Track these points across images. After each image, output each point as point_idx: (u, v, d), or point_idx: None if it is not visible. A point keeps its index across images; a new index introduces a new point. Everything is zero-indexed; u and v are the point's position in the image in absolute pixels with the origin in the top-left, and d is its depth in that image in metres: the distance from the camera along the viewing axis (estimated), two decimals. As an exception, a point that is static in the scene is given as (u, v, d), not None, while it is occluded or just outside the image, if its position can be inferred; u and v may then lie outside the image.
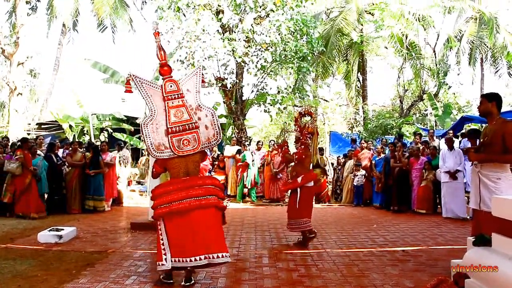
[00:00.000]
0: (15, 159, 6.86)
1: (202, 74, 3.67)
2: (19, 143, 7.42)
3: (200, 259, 3.14)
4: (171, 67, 3.60)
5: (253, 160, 9.43)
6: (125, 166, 9.42)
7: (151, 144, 3.28)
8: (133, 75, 3.43)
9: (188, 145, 3.32)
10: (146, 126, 3.31)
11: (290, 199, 4.99)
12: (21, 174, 6.77)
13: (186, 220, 3.18)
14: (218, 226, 3.31)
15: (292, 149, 5.66)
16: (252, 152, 9.59)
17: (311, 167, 5.05)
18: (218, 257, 3.17)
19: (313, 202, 5.22)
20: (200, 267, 3.28)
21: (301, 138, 4.88)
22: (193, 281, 3.32)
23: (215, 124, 3.46)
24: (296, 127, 5.03)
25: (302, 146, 4.86)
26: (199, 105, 3.49)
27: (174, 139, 3.31)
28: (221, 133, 3.52)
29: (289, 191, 5.24)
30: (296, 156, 4.85)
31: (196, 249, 3.15)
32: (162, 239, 3.21)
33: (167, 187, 3.31)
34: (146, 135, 3.30)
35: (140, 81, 3.42)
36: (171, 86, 3.44)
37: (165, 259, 3.16)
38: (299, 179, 4.78)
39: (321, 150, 9.60)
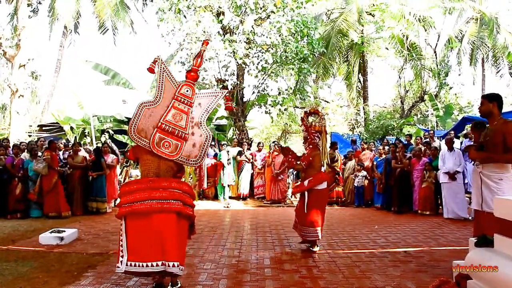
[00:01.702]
0: (42, 159, 7.19)
1: (227, 97, 3.57)
2: (46, 145, 7.78)
3: (157, 265, 2.95)
4: (198, 75, 3.55)
5: (228, 159, 9.46)
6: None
7: (135, 125, 3.18)
8: (161, 60, 3.40)
9: (167, 148, 3.19)
10: (142, 108, 3.22)
11: (299, 203, 4.80)
12: (47, 174, 7.13)
13: (146, 222, 3.01)
14: (179, 233, 3.09)
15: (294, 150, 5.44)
16: (228, 151, 9.57)
17: (324, 167, 4.78)
18: (173, 266, 2.96)
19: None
20: (155, 273, 3.10)
21: (308, 137, 4.73)
22: (179, 285, 3.25)
23: (203, 148, 3.33)
24: (303, 126, 4.87)
25: (310, 146, 4.70)
26: (201, 123, 3.38)
27: (158, 135, 3.19)
28: (202, 160, 3.39)
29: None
30: (304, 162, 4.64)
31: (153, 254, 2.97)
32: (121, 240, 3.06)
33: (133, 185, 3.17)
34: (136, 114, 3.20)
35: (163, 69, 3.38)
36: (187, 90, 3.37)
37: (121, 261, 3.00)
38: (305, 182, 4.59)
39: (334, 144, 9.33)
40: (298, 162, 4.78)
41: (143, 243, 3.01)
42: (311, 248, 4.59)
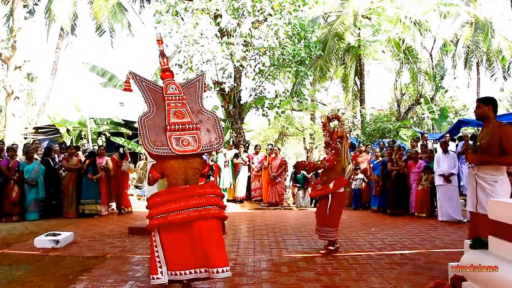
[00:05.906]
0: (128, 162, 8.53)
1: (205, 82, 3.57)
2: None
3: (201, 271, 2.95)
4: (173, 72, 3.55)
5: (225, 161, 9.42)
6: None
7: (147, 138, 3.05)
8: (133, 73, 3.35)
9: (187, 145, 3.09)
10: (143, 122, 3.13)
11: (320, 205, 4.82)
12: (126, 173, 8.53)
13: (185, 231, 2.96)
14: (220, 238, 3.07)
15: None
16: (225, 154, 9.53)
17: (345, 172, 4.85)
18: (218, 272, 2.92)
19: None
20: (198, 280, 3.12)
21: (331, 143, 4.75)
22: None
23: (217, 128, 3.29)
24: (325, 132, 4.89)
25: (333, 151, 4.71)
26: (201, 109, 3.38)
27: (173, 138, 3.09)
28: (223, 139, 3.34)
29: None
30: (328, 164, 4.66)
31: (195, 261, 2.95)
32: (157, 251, 2.99)
33: (165, 196, 3.10)
34: (142, 130, 3.09)
35: (140, 79, 3.35)
36: (172, 88, 3.36)
37: (161, 272, 2.95)
38: (330, 185, 4.59)
39: (354, 147, 9.38)
40: (319, 162, 4.85)
41: (183, 252, 2.96)
42: (329, 248, 4.64)
